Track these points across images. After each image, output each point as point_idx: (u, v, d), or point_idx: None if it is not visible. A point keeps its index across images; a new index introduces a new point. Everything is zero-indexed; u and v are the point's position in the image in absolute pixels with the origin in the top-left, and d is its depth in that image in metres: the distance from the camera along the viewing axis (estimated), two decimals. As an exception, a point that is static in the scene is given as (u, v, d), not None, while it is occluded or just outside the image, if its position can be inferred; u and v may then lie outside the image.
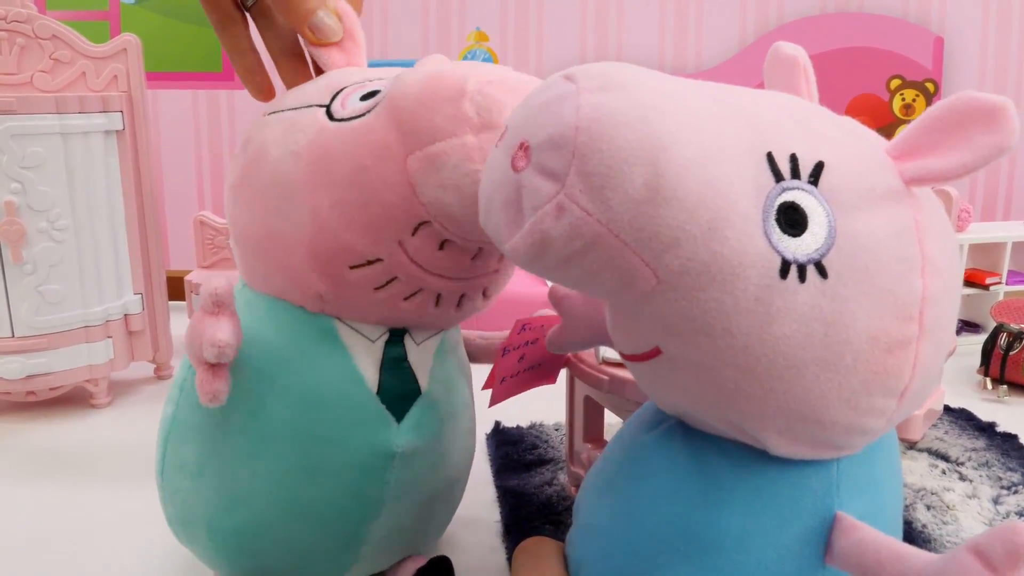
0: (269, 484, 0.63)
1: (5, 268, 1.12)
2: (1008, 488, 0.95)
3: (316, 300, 0.61)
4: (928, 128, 0.44)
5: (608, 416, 0.94)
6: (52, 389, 1.19)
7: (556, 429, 1.11)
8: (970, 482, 0.97)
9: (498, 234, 0.44)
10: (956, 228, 1.37)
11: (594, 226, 0.39)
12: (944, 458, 1.04)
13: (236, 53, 0.65)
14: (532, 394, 0.80)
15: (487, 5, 1.99)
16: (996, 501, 0.92)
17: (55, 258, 1.14)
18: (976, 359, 1.35)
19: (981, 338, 1.37)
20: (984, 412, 1.19)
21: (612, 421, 1.03)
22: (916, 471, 1.00)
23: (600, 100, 0.39)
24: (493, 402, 0.75)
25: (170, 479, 0.68)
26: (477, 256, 0.60)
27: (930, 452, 1.05)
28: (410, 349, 0.65)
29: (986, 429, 1.13)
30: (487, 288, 0.66)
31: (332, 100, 0.60)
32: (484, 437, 1.10)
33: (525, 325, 0.72)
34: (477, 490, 0.95)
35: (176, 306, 1.64)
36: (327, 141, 0.57)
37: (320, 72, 0.66)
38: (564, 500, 0.91)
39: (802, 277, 0.41)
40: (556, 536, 0.65)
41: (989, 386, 1.30)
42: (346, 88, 0.61)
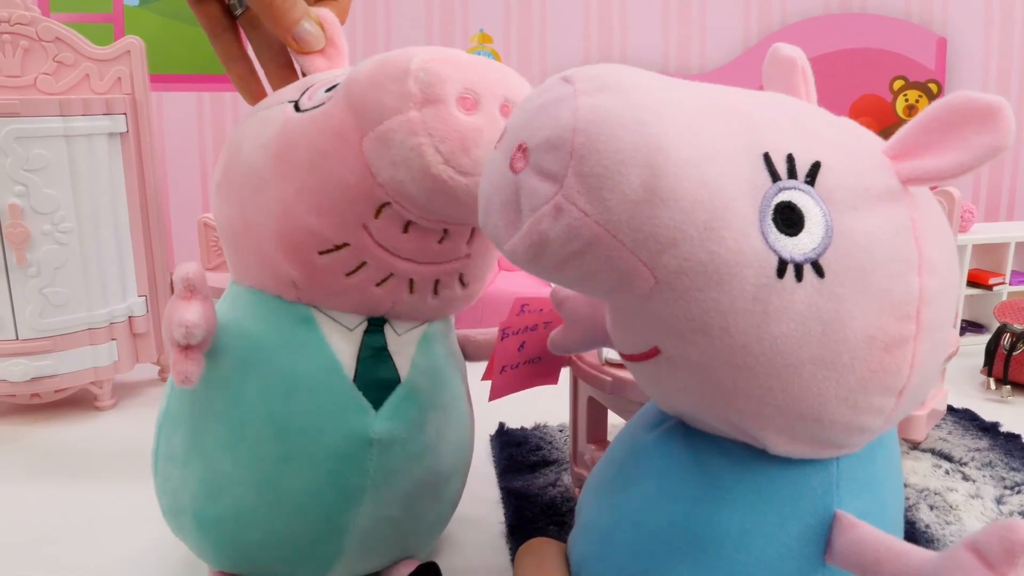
0: (249, 472, 0.64)
1: (9, 271, 1.12)
2: (1011, 488, 0.95)
3: (291, 288, 0.63)
4: (925, 128, 0.44)
5: (612, 417, 0.94)
6: (57, 391, 1.20)
7: (560, 430, 1.11)
8: (973, 482, 0.97)
9: (497, 235, 0.45)
10: (959, 229, 1.37)
11: (592, 227, 0.39)
12: (947, 458, 1.04)
13: (228, 60, 0.68)
14: (536, 395, 0.80)
15: (491, 7, 1.99)
16: (999, 501, 0.92)
17: (59, 260, 1.14)
18: (979, 359, 1.35)
19: (984, 338, 1.37)
20: (987, 412, 1.19)
21: (616, 422, 1.03)
22: (919, 471, 1.00)
23: (597, 102, 0.39)
24: (493, 396, 0.74)
25: (162, 470, 0.69)
26: (444, 239, 0.61)
27: (933, 452, 1.05)
28: (391, 339, 0.66)
29: (989, 429, 1.13)
30: (463, 274, 0.65)
31: (302, 95, 0.62)
32: (488, 438, 1.10)
33: (524, 305, 0.71)
34: (481, 491, 0.95)
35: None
36: (291, 131, 0.59)
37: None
38: (568, 501, 0.91)
39: (799, 276, 0.41)
40: (560, 537, 0.65)
41: (992, 386, 1.30)
42: (316, 83, 0.63)
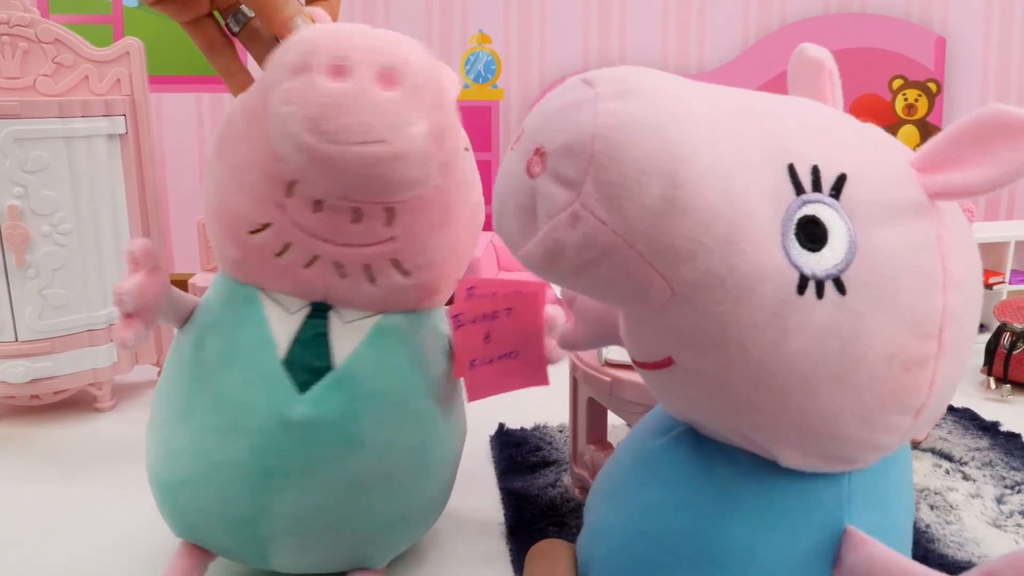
0: (193, 442, 0.67)
1: (8, 272, 1.12)
2: (1012, 488, 0.95)
3: (236, 268, 0.67)
4: (954, 141, 0.43)
5: (611, 418, 0.94)
6: (56, 393, 1.20)
7: (560, 431, 1.11)
8: (973, 482, 0.97)
9: (511, 239, 0.44)
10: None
11: (609, 236, 0.39)
12: (948, 458, 1.04)
13: (227, 75, 0.70)
14: (535, 396, 0.79)
15: (490, 7, 1.99)
16: (999, 501, 0.92)
17: (58, 262, 1.14)
18: (979, 359, 1.35)
19: (984, 338, 1.36)
20: (987, 412, 1.19)
21: (615, 423, 1.03)
22: (920, 471, 1.00)
23: (618, 107, 0.38)
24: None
25: (147, 439, 0.73)
26: (359, 219, 0.61)
27: (934, 452, 1.05)
28: (335, 326, 0.66)
29: (989, 429, 1.13)
30: (398, 260, 0.64)
31: None
32: (488, 439, 1.10)
33: (471, 288, 0.66)
34: (481, 492, 0.95)
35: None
36: (231, 115, 0.64)
37: None
38: (568, 502, 0.91)
39: (820, 293, 0.40)
40: (560, 537, 0.65)
41: (992, 386, 1.30)
42: None
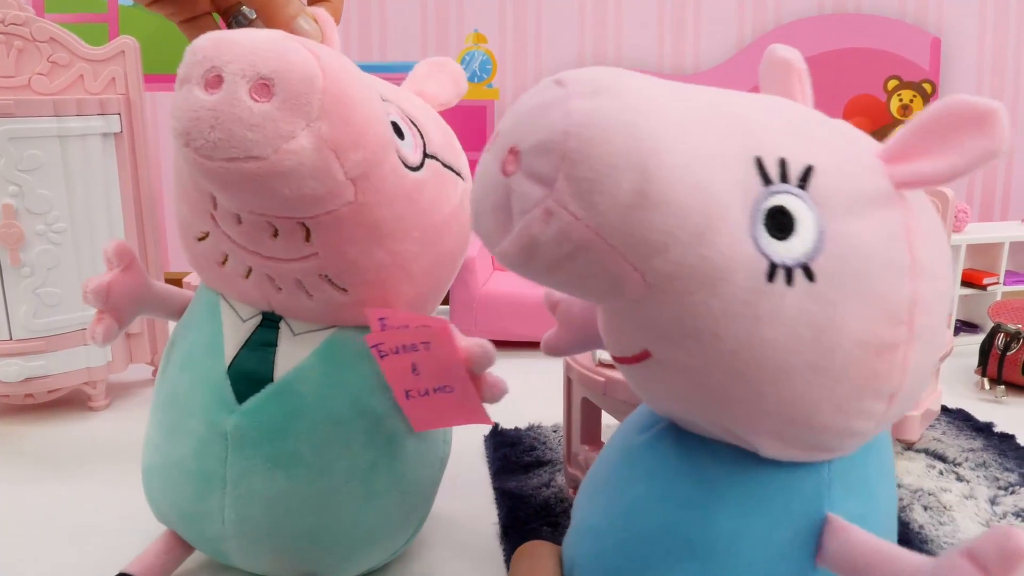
0: (157, 434, 0.71)
1: (3, 271, 1.11)
2: (1005, 488, 0.95)
3: (198, 272, 0.69)
4: (919, 131, 0.44)
5: (605, 418, 0.94)
6: (50, 392, 1.19)
7: (554, 431, 1.11)
8: (967, 483, 0.97)
9: (488, 237, 0.44)
10: (953, 229, 1.38)
11: (583, 231, 0.39)
12: (941, 459, 1.04)
13: None
14: (530, 396, 0.80)
15: (485, 7, 1.99)
16: (993, 502, 0.93)
17: (53, 261, 1.14)
18: (974, 359, 1.35)
19: (979, 338, 1.37)
20: (981, 412, 1.19)
21: (609, 423, 1.03)
22: (913, 471, 1.00)
23: (589, 105, 0.39)
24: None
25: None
26: (278, 235, 0.60)
27: (927, 452, 1.05)
28: (284, 337, 0.66)
29: (983, 429, 1.13)
30: (328, 276, 0.62)
31: None
32: (482, 439, 1.10)
33: (382, 320, 0.62)
34: (475, 492, 0.95)
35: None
36: None
37: None
38: (562, 502, 0.91)
39: (789, 280, 0.41)
40: (554, 538, 0.65)
41: (987, 386, 1.30)
42: None
